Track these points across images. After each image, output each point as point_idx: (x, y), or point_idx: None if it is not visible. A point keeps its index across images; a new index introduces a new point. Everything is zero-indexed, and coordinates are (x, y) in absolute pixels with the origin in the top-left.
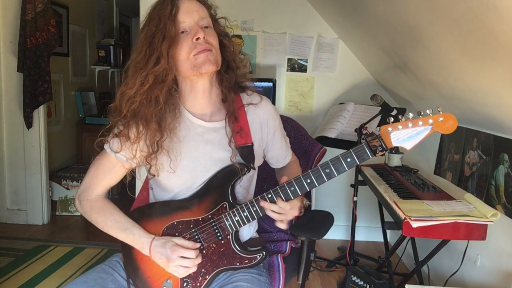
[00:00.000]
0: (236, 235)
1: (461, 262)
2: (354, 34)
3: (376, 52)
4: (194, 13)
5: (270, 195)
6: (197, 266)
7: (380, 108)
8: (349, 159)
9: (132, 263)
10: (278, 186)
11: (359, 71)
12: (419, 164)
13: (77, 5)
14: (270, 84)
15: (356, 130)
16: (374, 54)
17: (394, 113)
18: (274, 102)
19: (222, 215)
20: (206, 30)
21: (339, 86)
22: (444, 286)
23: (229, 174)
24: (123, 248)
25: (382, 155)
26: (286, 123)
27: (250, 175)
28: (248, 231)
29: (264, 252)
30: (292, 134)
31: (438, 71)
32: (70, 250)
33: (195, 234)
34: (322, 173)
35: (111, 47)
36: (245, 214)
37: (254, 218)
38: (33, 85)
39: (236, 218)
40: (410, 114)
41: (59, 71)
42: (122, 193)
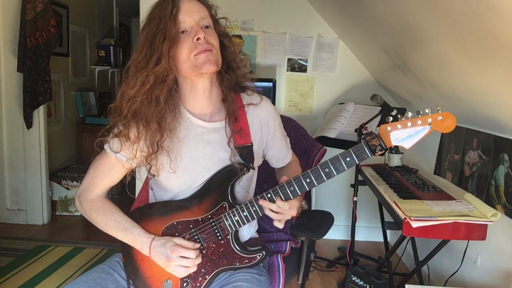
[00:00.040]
0: (235, 235)
1: (461, 262)
2: (354, 34)
3: (376, 52)
4: (195, 13)
5: (269, 195)
6: (197, 266)
7: (380, 108)
8: (348, 159)
9: (132, 263)
10: (277, 186)
11: (359, 71)
12: (419, 164)
13: (77, 5)
14: (270, 84)
15: (356, 130)
16: (374, 54)
17: (394, 113)
18: (274, 102)
19: (222, 215)
20: (206, 30)
21: (339, 86)
22: (444, 286)
23: (228, 174)
24: (123, 248)
25: (381, 155)
26: (286, 123)
27: (250, 175)
28: (248, 231)
29: (264, 252)
30: (292, 134)
31: (438, 71)
32: (70, 250)
33: (195, 234)
34: (322, 172)
35: (111, 47)
36: (244, 214)
37: (254, 218)
38: (33, 85)
39: (235, 218)
40: (409, 114)
41: (59, 71)
42: (122, 193)
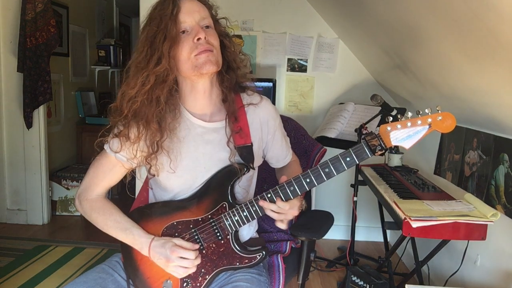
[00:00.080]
0: (235, 235)
1: (461, 262)
2: (354, 34)
3: (376, 52)
4: (196, 13)
5: (269, 195)
6: (196, 267)
7: (380, 108)
8: (348, 159)
9: (132, 264)
10: (277, 186)
11: (359, 71)
12: (419, 164)
13: (77, 5)
14: (270, 84)
15: (356, 130)
16: (374, 54)
17: (394, 113)
18: (274, 102)
19: (222, 215)
20: (207, 30)
21: (339, 86)
22: (444, 286)
23: (228, 174)
24: (123, 248)
25: (381, 155)
26: (286, 123)
27: (250, 175)
28: (248, 231)
29: (264, 252)
30: (292, 134)
31: (438, 71)
32: (70, 250)
33: (195, 234)
34: (322, 172)
35: (111, 47)
36: (244, 214)
37: (254, 218)
38: (33, 85)
39: (235, 218)
40: (409, 114)
41: (59, 71)
42: (122, 193)
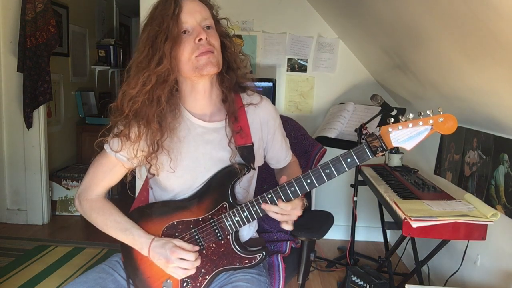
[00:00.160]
0: (236, 235)
1: (461, 262)
2: (354, 34)
3: (376, 52)
4: (197, 13)
5: (270, 195)
6: (196, 268)
7: (380, 108)
8: (349, 160)
9: (132, 263)
10: (278, 187)
11: (359, 71)
12: (419, 164)
13: (77, 5)
14: (270, 84)
15: (356, 130)
16: (374, 54)
17: (394, 113)
18: (274, 102)
19: (222, 215)
20: (208, 31)
21: (339, 86)
22: (444, 286)
23: (228, 174)
24: (123, 248)
25: (382, 156)
26: (286, 123)
27: (250, 176)
28: (248, 231)
29: (264, 252)
30: (292, 134)
31: (438, 71)
32: (70, 250)
33: (195, 234)
34: (322, 173)
35: (111, 47)
36: (245, 214)
37: (254, 218)
38: (33, 85)
39: (236, 218)
40: (410, 115)
41: (59, 71)
42: (122, 193)
